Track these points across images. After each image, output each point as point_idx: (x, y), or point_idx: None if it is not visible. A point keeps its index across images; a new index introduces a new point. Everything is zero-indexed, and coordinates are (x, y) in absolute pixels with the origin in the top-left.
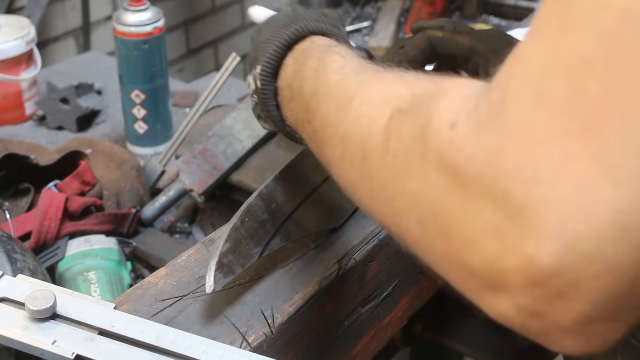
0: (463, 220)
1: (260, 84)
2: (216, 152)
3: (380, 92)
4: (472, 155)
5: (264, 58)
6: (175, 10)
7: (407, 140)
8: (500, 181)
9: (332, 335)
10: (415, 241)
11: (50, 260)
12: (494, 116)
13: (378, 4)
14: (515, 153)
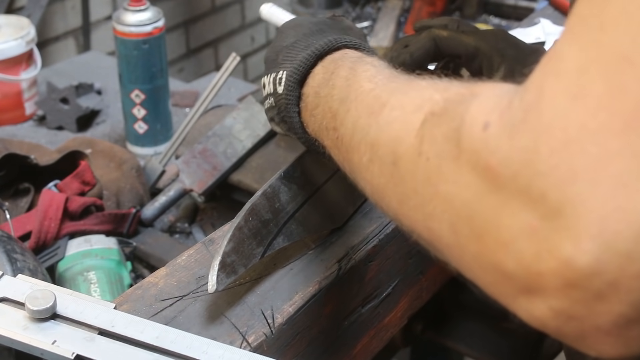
0: (498, 222)
1: (284, 90)
2: (216, 152)
3: (413, 98)
4: (507, 155)
5: (294, 64)
6: (175, 10)
7: (440, 143)
8: (536, 181)
9: (332, 335)
10: (446, 245)
11: (50, 260)
12: (528, 116)
13: (378, 4)
14: (551, 152)
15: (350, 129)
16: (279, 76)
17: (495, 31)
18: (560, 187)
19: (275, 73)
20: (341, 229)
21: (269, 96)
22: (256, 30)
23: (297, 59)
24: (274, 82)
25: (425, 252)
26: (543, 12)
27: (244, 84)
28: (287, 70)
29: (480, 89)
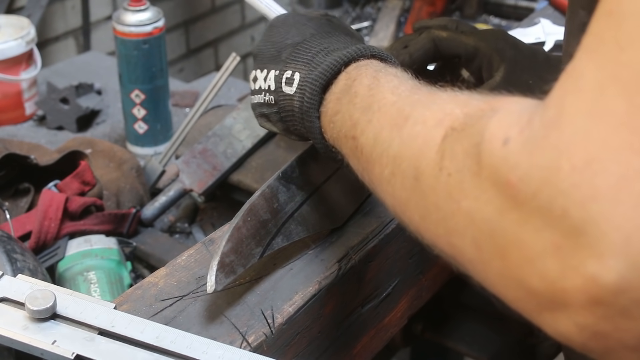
0: (521, 239)
1: (306, 93)
2: (216, 152)
3: (435, 112)
4: (527, 173)
5: (318, 68)
6: (175, 10)
7: (460, 159)
8: (558, 199)
9: (332, 335)
10: (469, 260)
11: (50, 260)
12: (548, 133)
13: (378, 4)
14: (572, 170)
15: (372, 140)
16: (285, 75)
17: (495, 31)
18: (582, 205)
19: (278, 70)
20: (341, 228)
21: (265, 92)
22: (256, 30)
23: (319, 62)
24: (278, 79)
25: (426, 252)
26: (543, 12)
27: (244, 84)
28: (304, 72)
29: (500, 104)
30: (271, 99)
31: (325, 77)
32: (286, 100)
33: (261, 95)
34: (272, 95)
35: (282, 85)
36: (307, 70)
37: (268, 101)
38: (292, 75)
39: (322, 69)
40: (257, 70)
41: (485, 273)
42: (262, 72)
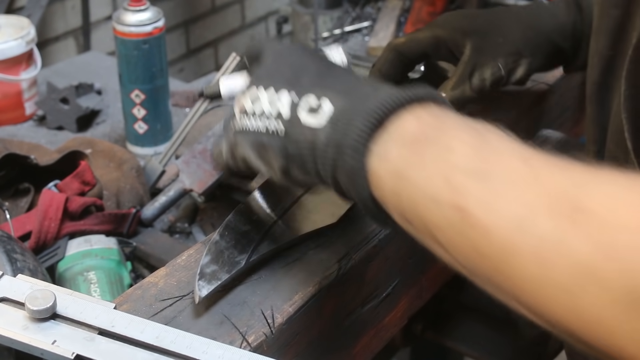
0: None
1: (353, 132)
2: None
3: (610, 200)
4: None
5: (373, 101)
6: (175, 10)
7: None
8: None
9: (332, 335)
10: (550, 322)
11: (50, 260)
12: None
13: (378, 4)
14: None
15: (511, 223)
16: (307, 101)
17: (450, 14)
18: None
19: (295, 93)
20: (341, 228)
21: (269, 118)
22: (256, 30)
23: (367, 94)
24: (294, 105)
25: (426, 252)
26: None
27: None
28: (342, 102)
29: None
30: (279, 128)
31: (382, 111)
32: (305, 134)
33: (261, 122)
34: (281, 124)
35: (299, 113)
36: (348, 101)
37: (274, 130)
38: (318, 103)
39: (377, 102)
40: (257, 88)
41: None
42: (268, 92)
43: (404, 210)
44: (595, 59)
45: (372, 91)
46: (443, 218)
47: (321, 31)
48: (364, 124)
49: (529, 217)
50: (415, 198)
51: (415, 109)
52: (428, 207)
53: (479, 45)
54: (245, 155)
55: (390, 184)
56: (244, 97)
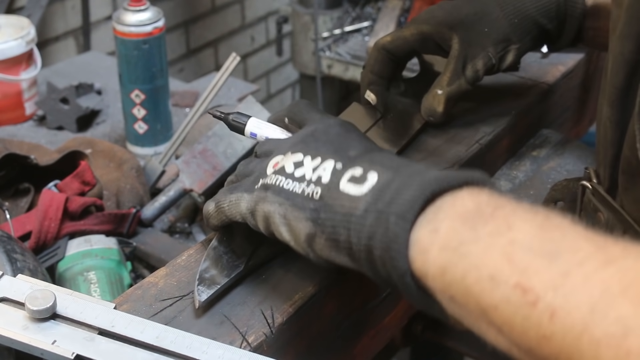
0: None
1: (400, 202)
2: (216, 152)
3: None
4: None
5: (423, 177)
6: (175, 10)
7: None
8: None
9: (332, 335)
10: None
11: (50, 260)
12: None
13: (378, 4)
14: None
15: (580, 304)
16: (352, 172)
17: (436, 6)
18: None
19: (341, 165)
20: None
21: (309, 183)
22: (256, 30)
23: (417, 171)
24: (337, 174)
25: None
26: None
27: (244, 84)
28: (388, 176)
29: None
30: (316, 192)
31: (436, 186)
32: (342, 200)
33: (300, 184)
34: (319, 189)
35: (341, 182)
36: (398, 175)
37: (310, 194)
38: (363, 175)
39: (430, 177)
40: (303, 154)
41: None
42: (314, 160)
43: (450, 287)
44: (619, 63)
45: (424, 169)
46: (502, 298)
47: (321, 31)
48: (414, 194)
49: (604, 300)
50: (469, 275)
51: (472, 189)
52: (484, 286)
53: (467, 37)
54: (269, 214)
55: (438, 259)
56: (285, 159)
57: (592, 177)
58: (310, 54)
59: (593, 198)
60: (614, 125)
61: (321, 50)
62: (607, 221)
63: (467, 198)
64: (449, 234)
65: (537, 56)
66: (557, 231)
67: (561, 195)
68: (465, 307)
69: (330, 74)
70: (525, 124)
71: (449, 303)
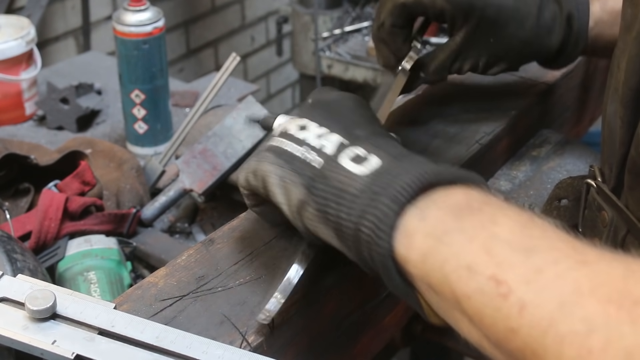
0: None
1: (396, 187)
2: (216, 152)
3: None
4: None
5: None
6: (175, 10)
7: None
8: None
9: (332, 336)
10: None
11: (50, 260)
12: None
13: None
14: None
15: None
16: (356, 150)
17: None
18: None
19: (348, 141)
20: None
21: (310, 149)
22: (256, 30)
23: (417, 162)
24: (341, 147)
25: None
26: None
27: (244, 84)
28: (388, 162)
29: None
30: (317, 160)
31: (433, 178)
32: (341, 175)
33: (301, 148)
34: (320, 158)
35: (342, 157)
36: (399, 163)
37: (310, 160)
38: (366, 156)
39: (429, 169)
40: (310, 120)
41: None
42: (320, 128)
43: (429, 274)
44: (634, 64)
45: (425, 161)
46: (476, 288)
47: (321, 31)
48: (409, 181)
49: (573, 298)
50: (447, 263)
51: (466, 185)
52: (461, 275)
53: (472, 38)
54: (267, 174)
55: (421, 245)
56: (290, 122)
57: (597, 176)
58: (310, 54)
59: (597, 197)
60: (626, 125)
61: (321, 50)
62: (611, 220)
63: (460, 192)
64: (435, 222)
65: None
66: (538, 230)
67: (565, 193)
68: (441, 295)
69: (330, 74)
70: (525, 124)
71: (427, 291)
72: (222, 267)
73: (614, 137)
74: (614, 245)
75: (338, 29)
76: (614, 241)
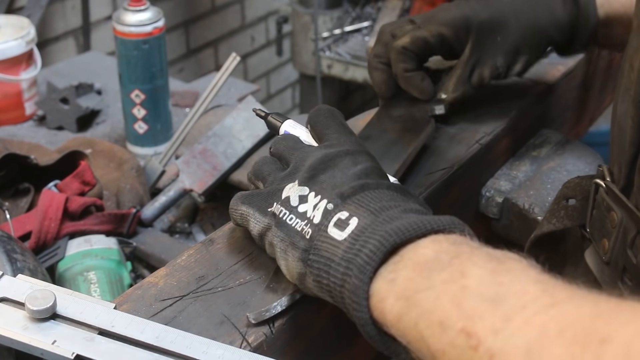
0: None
1: (369, 248)
2: (216, 152)
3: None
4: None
5: (396, 223)
6: (175, 10)
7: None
8: None
9: (332, 335)
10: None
11: (50, 260)
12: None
13: (378, 4)
14: None
15: (517, 347)
16: (339, 215)
17: (454, 5)
18: None
19: (333, 206)
20: None
21: (305, 221)
22: (256, 30)
23: (393, 217)
24: (327, 215)
25: None
26: None
27: (244, 84)
28: (366, 221)
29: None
30: (308, 232)
31: (398, 236)
32: (327, 244)
33: (299, 220)
34: (310, 229)
35: (329, 224)
36: (374, 220)
37: (303, 233)
38: (347, 219)
39: (396, 226)
40: (309, 188)
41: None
42: (316, 197)
43: (405, 334)
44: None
45: (399, 215)
46: (449, 343)
47: (321, 31)
48: (376, 245)
49: (539, 343)
50: (420, 321)
51: (436, 237)
52: (434, 331)
53: (479, 43)
54: (273, 245)
55: (394, 307)
56: (293, 189)
57: (606, 175)
58: (310, 54)
59: (607, 197)
60: (637, 125)
61: (321, 50)
62: (621, 221)
63: (429, 247)
64: (405, 283)
65: None
66: (508, 275)
67: (573, 193)
68: (420, 352)
69: (330, 74)
70: (525, 124)
71: (408, 347)
72: (222, 267)
73: (623, 137)
74: (623, 246)
75: (338, 29)
76: (623, 242)
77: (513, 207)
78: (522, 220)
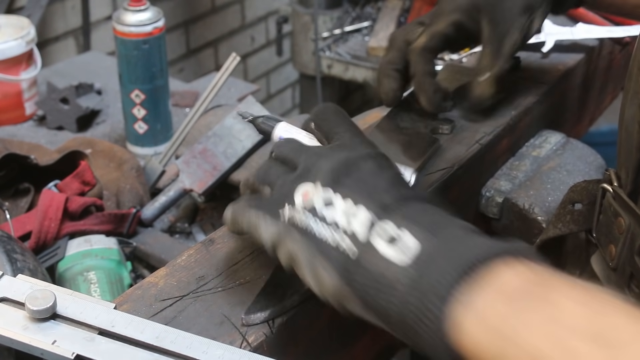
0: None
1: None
2: (216, 152)
3: None
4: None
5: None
6: (175, 10)
7: None
8: None
9: (332, 335)
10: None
11: (50, 260)
12: None
13: (378, 4)
14: None
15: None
16: (388, 229)
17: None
18: None
19: (375, 215)
20: None
21: (339, 232)
22: (256, 30)
23: (460, 237)
24: (370, 226)
25: None
26: None
27: (244, 84)
28: (431, 244)
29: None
30: (352, 249)
31: (477, 259)
32: (380, 264)
33: (330, 232)
34: (353, 245)
35: (376, 239)
36: (436, 241)
37: (343, 249)
38: (398, 235)
39: (470, 248)
40: (333, 190)
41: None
42: (346, 202)
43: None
44: None
45: (463, 234)
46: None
47: (321, 31)
48: (454, 269)
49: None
50: (509, 353)
51: (512, 262)
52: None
53: (494, 16)
54: (295, 254)
55: (488, 344)
56: (315, 192)
57: (613, 180)
58: (310, 54)
59: (614, 202)
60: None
61: (321, 50)
62: (628, 227)
63: (512, 275)
64: (496, 318)
65: (537, 56)
66: (605, 311)
67: (579, 197)
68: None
69: (330, 74)
70: (525, 124)
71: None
72: (222, 267)
73: (631, 141)
74: (631, 253)
75: (338, 29)
76: (631, 249)
77: (513, 207)
78: (522, 220)
